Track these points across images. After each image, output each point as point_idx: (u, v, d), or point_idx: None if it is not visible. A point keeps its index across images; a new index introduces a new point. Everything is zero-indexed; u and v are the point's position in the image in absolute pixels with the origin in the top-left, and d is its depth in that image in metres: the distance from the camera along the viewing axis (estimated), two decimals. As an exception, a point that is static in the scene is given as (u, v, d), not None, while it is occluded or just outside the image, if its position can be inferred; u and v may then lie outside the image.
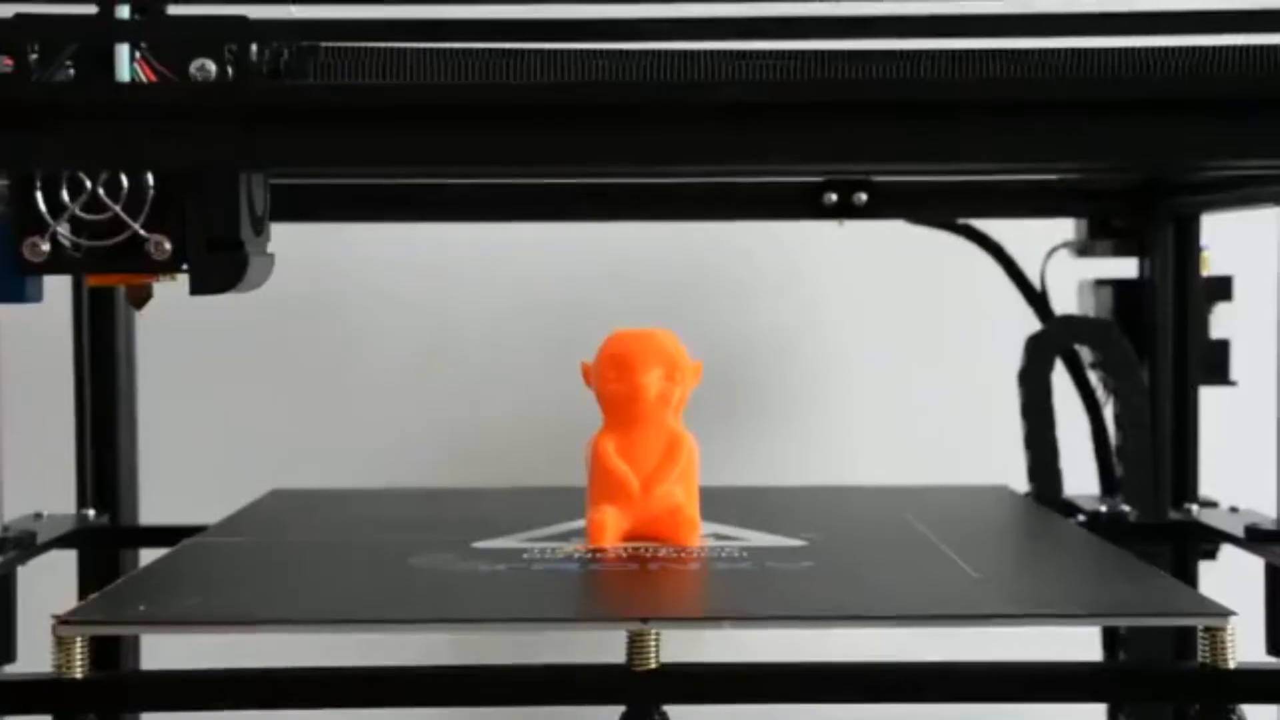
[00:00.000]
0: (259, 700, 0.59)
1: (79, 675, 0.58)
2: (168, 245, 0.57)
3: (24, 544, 0.80)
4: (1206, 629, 0.58)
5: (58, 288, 0.95)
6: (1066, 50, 0.60)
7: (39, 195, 0.57)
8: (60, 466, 0.94)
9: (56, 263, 0.57)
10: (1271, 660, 0.75)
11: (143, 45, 0.56)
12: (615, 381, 0.74)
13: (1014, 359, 0.95)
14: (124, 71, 0.55)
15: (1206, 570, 0.93)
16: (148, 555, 0.85)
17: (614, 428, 0.75)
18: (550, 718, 0.64)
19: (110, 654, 0.89)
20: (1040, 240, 1.00)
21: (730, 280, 1.20)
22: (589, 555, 0.72)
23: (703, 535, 0.75)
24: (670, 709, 0.58)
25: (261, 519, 0.84)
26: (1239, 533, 0.83)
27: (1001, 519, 0.87)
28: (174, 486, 1.01)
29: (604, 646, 0.60)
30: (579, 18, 0.55)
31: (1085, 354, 0.98)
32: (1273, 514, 0.84)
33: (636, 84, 0.59)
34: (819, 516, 0.82)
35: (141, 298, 0.64)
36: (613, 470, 0.74)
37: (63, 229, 0.57)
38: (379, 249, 1.03)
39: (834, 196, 0.93)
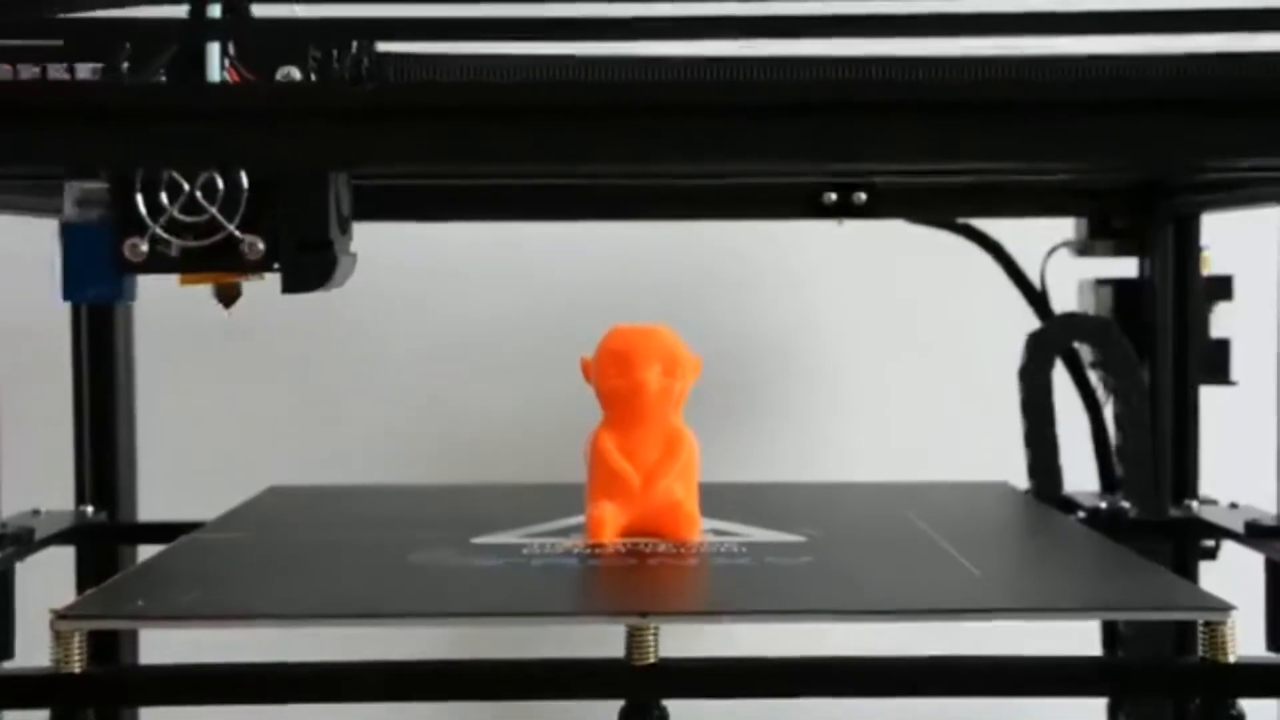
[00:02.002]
0: (257, 695, 0.59)
1: (77, 670, 0.57)
2: (261, 246, 0.59)
3: (22, 540, 0.80)
4: (1206, 623, 0.58)
5: (57, 282, 0.95)
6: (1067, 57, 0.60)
7: (139, 198, 0.58)
8: (59, 464, 0.94)
9: (154, 263, 0.59)
10: (1272, 655, 0.75)
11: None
12: (615, 377, 0.74)
13: (1014, 358, 0.95)
14: (214, 72, 0.56)
15: (1206, 570, 0.93)
16: (146, 552, 0.85)
17: (614, 423, 0.75)
18: (549, 712, 0.63)
19: (109, 649, 0.89)
20: (1040, 240, 1.00)
21: (730, 279, 1.20)
22: (588, 551, 0.72)
23: (702, 531, 0.75)
24: (669, 704, 0.58)
25: (259, 515, 0.84)
26: (1239, 529, 0.83)
27: (1001, 515, 0.87)
28: (172, 484, 1.01)
29: (603, 642, 0.60)
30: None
31: (1085, 354, 0.98)
32: (1273, 510, 0.84)
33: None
34: (818, 513, 0.81)
35: (231, 296, 0.65)
36: (613, 466, 0.74)
37: (161, 230, 0.59)
38: (377, 246, 1.03)
39: (833, 196, 0.93)
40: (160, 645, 0.81)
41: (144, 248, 0.59)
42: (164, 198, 0.58)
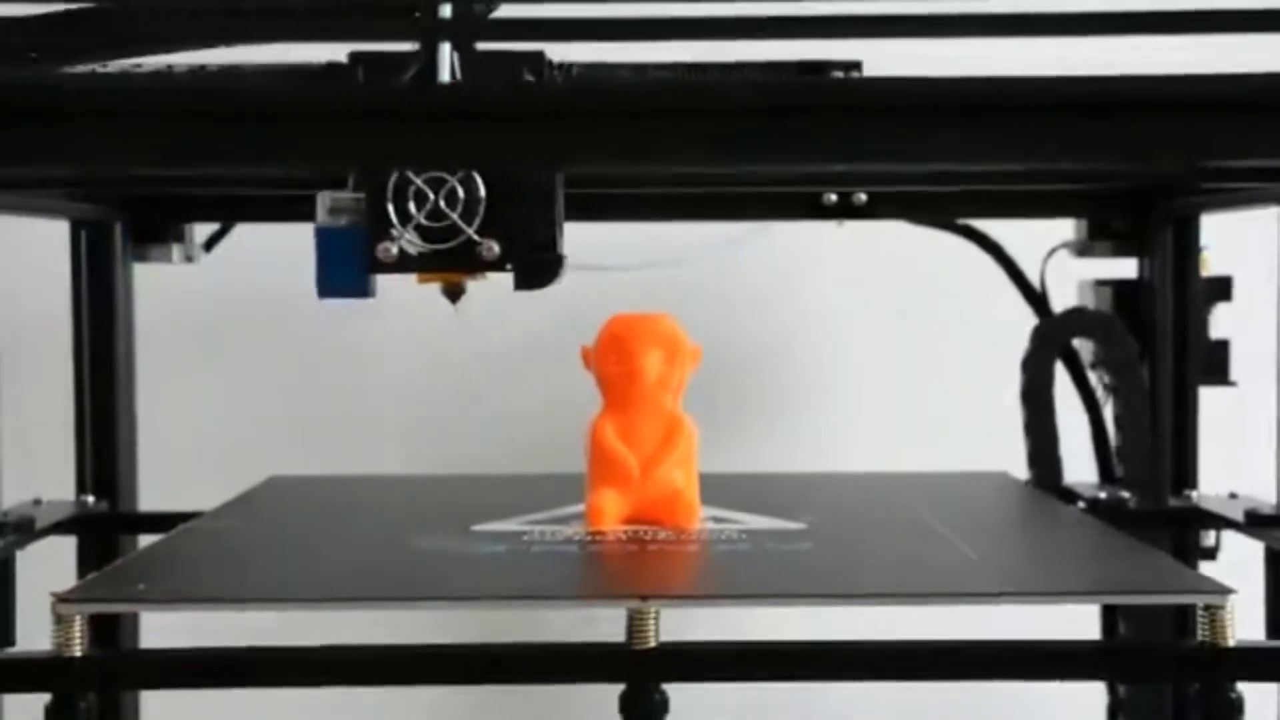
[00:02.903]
0: (257, 679, 0.59)
1: (78, 653, 0.57)
2: (496, 248, 0.65)
3: (23, 529, 0.81)
4: (1206, 607, 0.58)
5: (58, 277, 0.95)
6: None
7: (390, 206, 0.64)
8: (60, 454, 0.94)
9: (402, 264, 0.65)
10: (1271, 640, 0.76)
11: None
12: (615, 364, 0.74)
13: (1014, 359, 0.95)
14: (445, 73, 0.61)
15: (1205, 568, 0.93)
16: (146, 542, 0.85)
17: (613, 411, 0.75)
18: (549, 697, 0.63)
19: (109, 634, 0.89)
20: (1040, 240, 1.00)
21: (730, 277, 1.20)
22: (588, 537, 0.72)
23: (702, 519, 0.75)
24: (669, 688, 0.58)
25: (260, 504, 0.84)
26: (1239, 518, 0.83)
27: (1001, 503, 0.87)
28: (172, 474, 1.01)
29: (603, 627, 0.60)
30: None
31: (1085, 354, 0.98)
32: (1272, 500, 0.84)
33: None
34: (818, 501, 0.81)
35: (457, 292, 0.71)
36: (612, 453, 0.74)
37: (409, 235, 0.64)
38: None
39: (833, 196, 0.93)
40: (161, 631, 0.81)
41: (394, 250, 0.65)
42: (411, 205, 0.64)
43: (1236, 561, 0.86)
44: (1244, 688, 0.59)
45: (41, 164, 0.61)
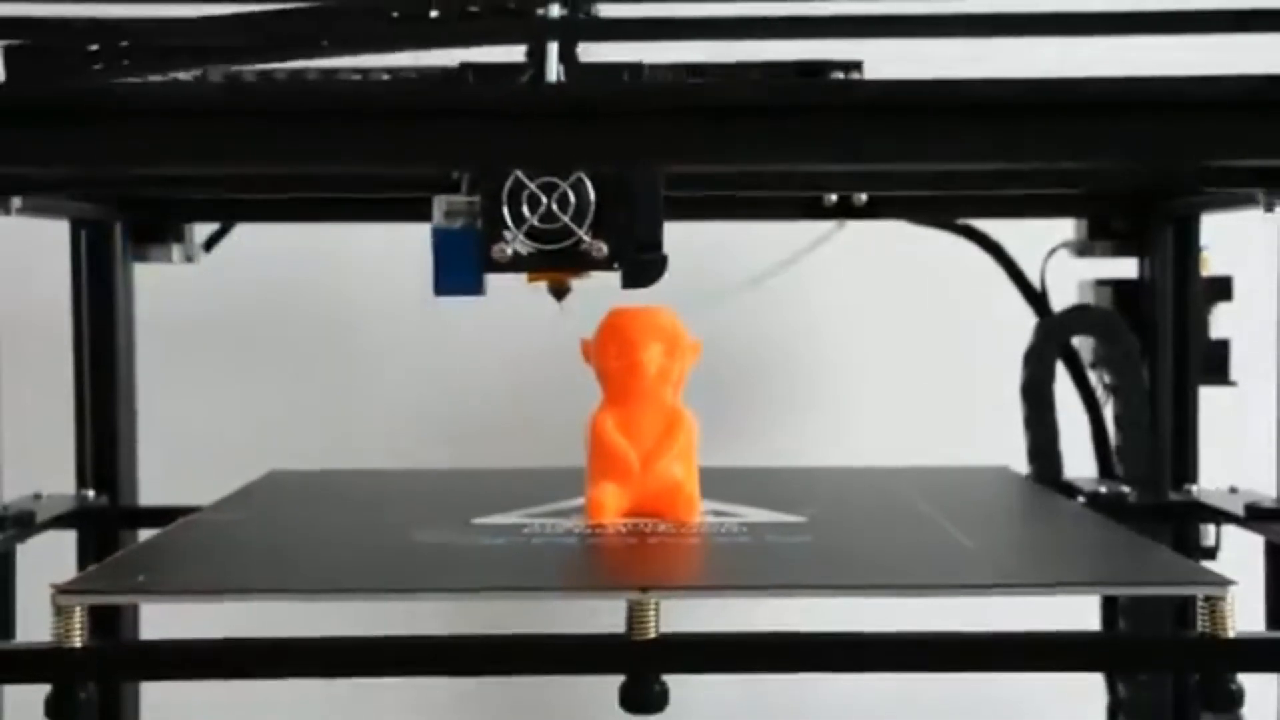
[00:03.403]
0: (257, 670, 0.59)
1: (78, 644, 0.57)
2: (605, 248, 0.68)
3: (23, 522, 0.81)
4: (1206, 598, 0.58)
5: (58, 272, 0.95)
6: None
7: (505, 208, 0.68)
8: (60, 448, 0.94)
9: (515, 264, 0.69)
10: (1271, 630, 0.76)
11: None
12: (615, 357, 0.74)
13: (1014, 359, 0.95)
14: (553, 76, 0.65)
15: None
16: (147, 536, 0.85)
17: (613, 404, 0.75)
18: (550, 687, 0.64)
19: (109, 625, 0.89)
20: (1040, 240, 1.00)
21: (729, 276, 1.20)
22: (588, 530, 0.72)
23: (702, 512, 0.75)
24: (669, 679, 0.58)
25: (260, 497, 0.84)
26: (1239, 511, 0.83)
27: (1001, 497, 0.87)
28: (173, 469, 1.01)
29: (603, 619, 0.60)
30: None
31: (1085, 354, 0.98)
32: (1273, 495, 0.84)
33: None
34: (819, 495, 0.81)
35: (563, 291, 0.73)
36: (612, 446, 0.74)
37: (523, 236, 0.68)
38: (378, 232, 1.04)
39: (834, 197, 0.93)
40: (161, 623, 0.81)
41: (509, 251, 0.68)
42: (525, 208, 0.68)
43: (1236, 561, 0.86)
44: (1244, 679, 0.59)
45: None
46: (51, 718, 0.58)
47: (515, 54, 0.67)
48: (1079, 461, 0.97)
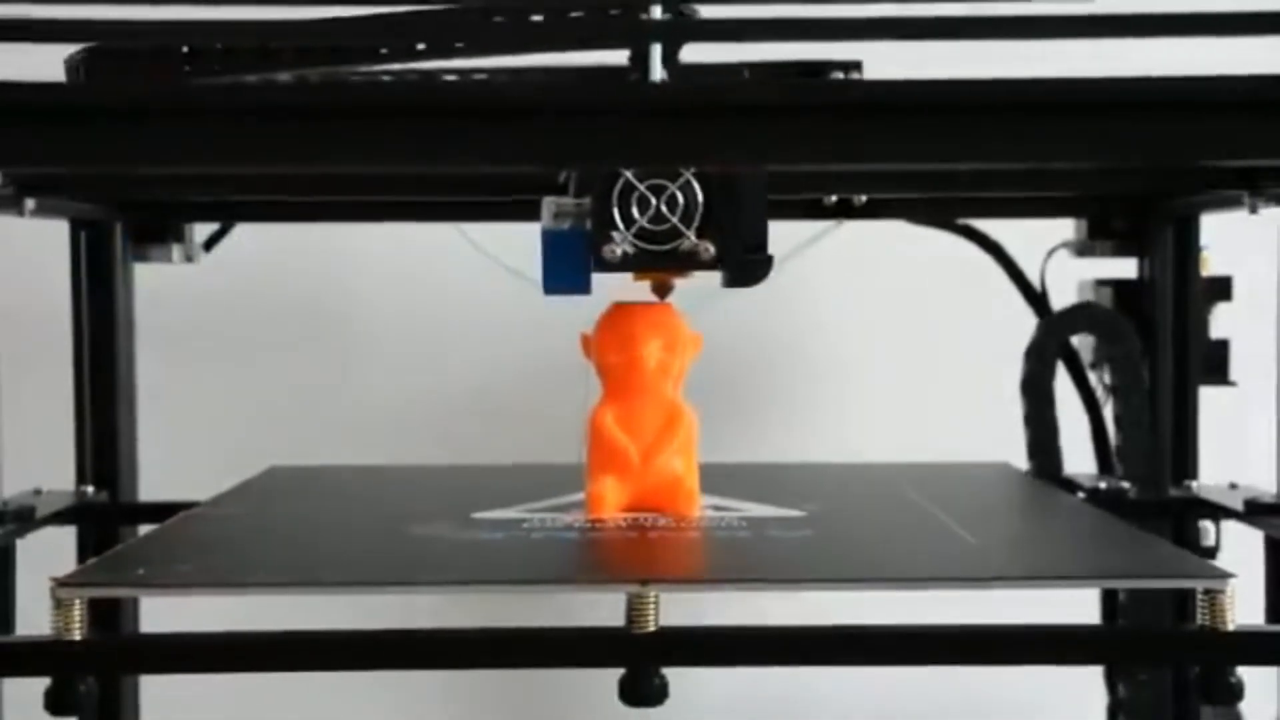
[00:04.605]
0: (257, 664, 0.59)
1: (78, 637, 0.57)
2: (712, 249, 0.70)
3: (23, 518, 0.81)
4: (1206, 591, 0.58)
5: (57, 268, 0.95)
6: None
7: (615, 210, 0.70)
8: (60, 444, 0.94)
9: (624, 263, 0.70)
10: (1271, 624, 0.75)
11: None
12: (615, 352, 0.74)
13: (1014, 359, 0.95)
14: (657, 71, 0.66)
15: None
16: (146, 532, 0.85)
17: (613, 399, 0.75)
18: (549, 681, 0.63)
19: (109, 619, 0.89)
20: (1040, 240, 1.00)
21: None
22: (588, 525, 0.72)
23: (702, 507, 0.75)
24: (669, 672, 0.58)
25: (260, 492, 0.84)
26: (1239, 507, 0.83)
27: (1001, 492, 0.87)
28: (173, 465, 1.01)
29: (603, 613, 0.60)
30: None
31: (1085, 354, 0.98)
32: (1273, 493, 0.84)
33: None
34: (820, 490, 0.81)
35: (666, 289, 0.75)
36: (612, 441, 0.74)
37: (633, 237, 0.70)
38: (379, 228, 1.04)
39: (833, 197, 0.93)
40: (161, 617, 0.81)
41: (618, 251, 0.70)
42: (634, 209, 0.70)
43: (1236, 560, 0.85)
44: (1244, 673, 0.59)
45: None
46: (51, 711, 0.58)
47: (599, 59, 0.68)
48: (1078, 458, 0.97)
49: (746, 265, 0.71)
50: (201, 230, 1.01)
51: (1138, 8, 0.56)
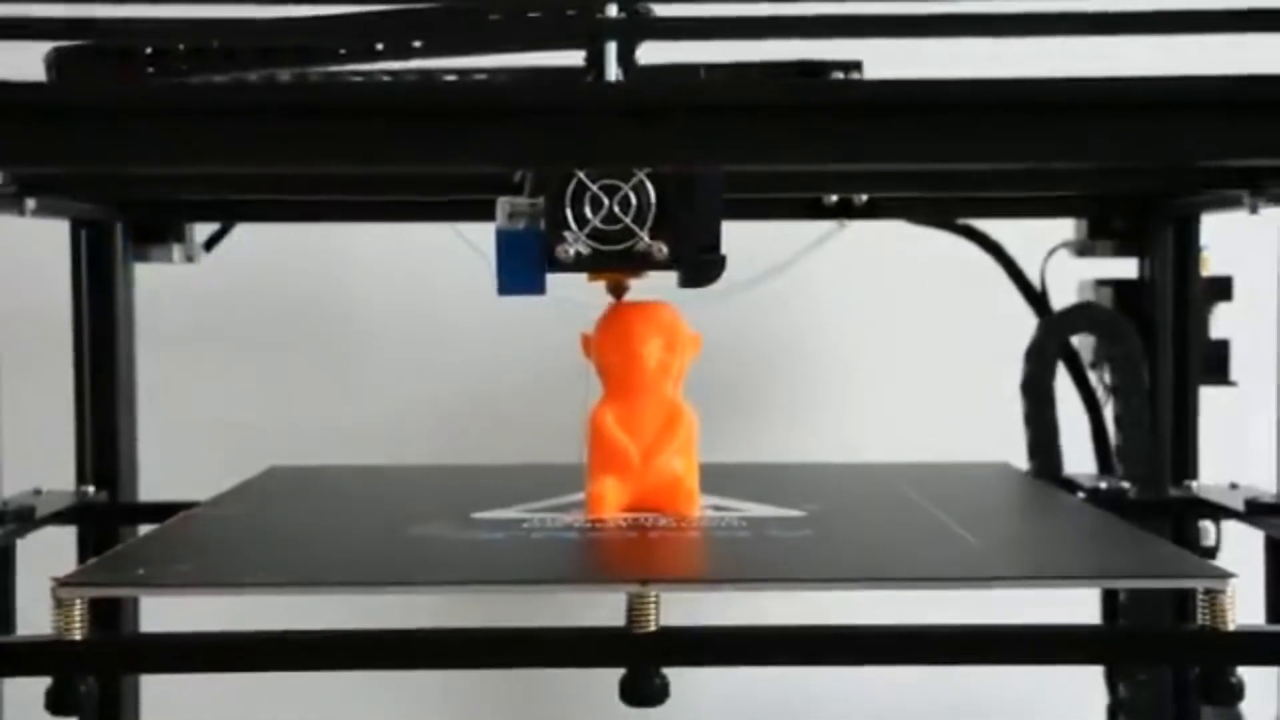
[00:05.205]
0: (257, 663, 0.59)
1: (78, 637, 0.57)
2: (665, 250, 0.70)
3: (23, 518, 0.81)
4: (1206, 591, 0.58)
5: (57, 266, 0.95)
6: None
7: (568, 210, 0.69)
8: (60, 444, 0.94)
9: (578, 263, 0.70)
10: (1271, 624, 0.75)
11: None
12: (614, 352, 0.74)
13: (1015, 359, 0.95)
14: (613, 70, 0.65)
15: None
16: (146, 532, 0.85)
17: (613, 399, 0.75)
18: (549, 681, 0.63)
19: (110, 619, 0.89)
20: (1040, 240, 1.00)
21: (730, 274, 1.20)
22: (588, 525, 0.72)
23: (702, 507, 0.75)
24: (669, 672, 0.58)
25: (260, 492, 0.84)
26: (1239, 507, 0.83)
27: (1001, 492, 0.87)
28: (173, 465, 1.01)
29: (603, 613, 0.60)
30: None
31: (1085, 354, 0.98)
32: (1273, 492, 0.84)
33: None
34: (820, 490, 0.81)
35: (621, 289, 0.75)
36: (612, 441, 0.74)
37: (585, 237, 0.70)
38: (378, 228, 1.04)
39: (834, 197, 0.93)
40: (161, 616, 0.81)
41: (572, 251, 0.70)
42: (587, 209, 0.70)
43: (1236, 560, 0.85)
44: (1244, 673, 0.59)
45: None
46: (52, 710, 0.58)
47: (559, 60, 0.68)
48: (1078, 458, 0.97)
49: (700, 265, 0.71)
50: (201, 230, 1.01)
51: (1137, 7, 0.56)
